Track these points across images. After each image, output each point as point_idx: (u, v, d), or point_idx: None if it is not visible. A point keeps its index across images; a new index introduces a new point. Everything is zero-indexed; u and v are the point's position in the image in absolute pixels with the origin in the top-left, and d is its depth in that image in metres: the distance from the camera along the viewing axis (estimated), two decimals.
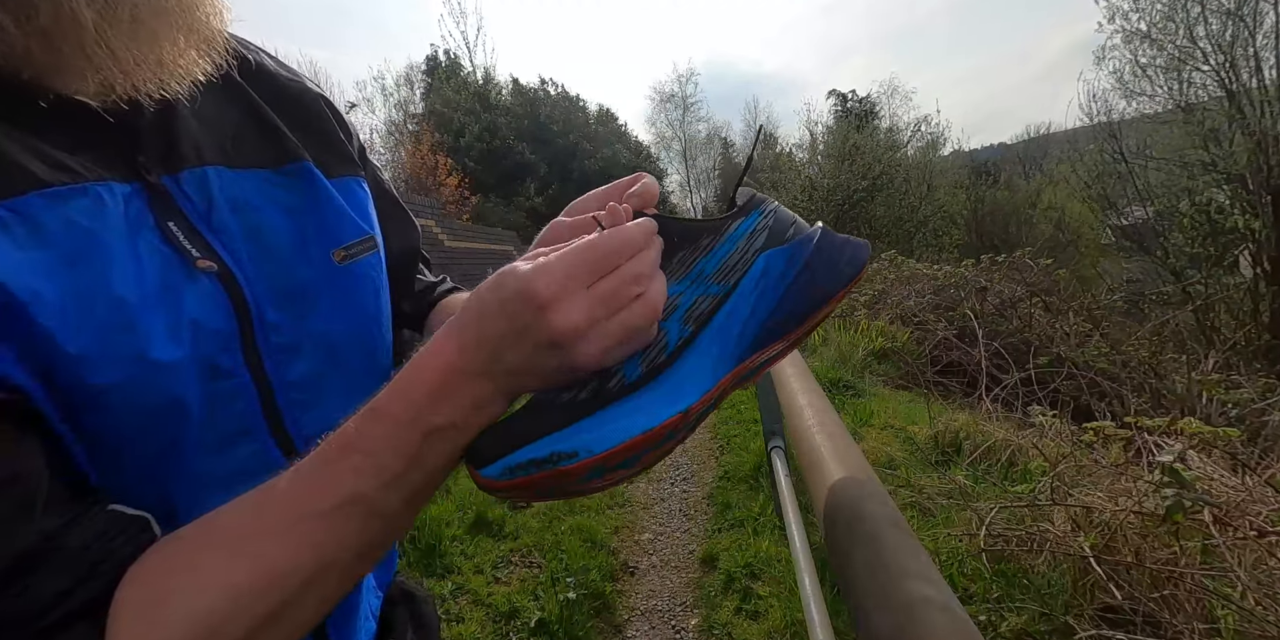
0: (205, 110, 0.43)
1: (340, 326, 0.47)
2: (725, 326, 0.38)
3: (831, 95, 23.33)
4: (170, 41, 0.35)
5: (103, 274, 0.34)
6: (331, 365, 0.46)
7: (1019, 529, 1.81)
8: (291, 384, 0.43)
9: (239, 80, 0.46)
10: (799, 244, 0.41)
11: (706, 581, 2.35)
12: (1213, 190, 5.55)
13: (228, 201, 0.42)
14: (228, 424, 0.40)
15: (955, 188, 14.05)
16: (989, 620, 1.55)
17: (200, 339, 0.38)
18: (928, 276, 6.39)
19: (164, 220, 0.38)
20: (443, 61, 22.21)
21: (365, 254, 0.49)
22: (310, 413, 0.44)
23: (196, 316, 0.38)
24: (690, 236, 0.39)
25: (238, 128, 0.45)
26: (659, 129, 30.71)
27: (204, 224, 0.40)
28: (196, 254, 0.39)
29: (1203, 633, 1.27)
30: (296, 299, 0.44)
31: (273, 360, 0.42)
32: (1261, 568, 1.34)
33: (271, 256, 0.43)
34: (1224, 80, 5.57)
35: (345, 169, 0.50)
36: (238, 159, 0.44)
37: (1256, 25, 5.48)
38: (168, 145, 0.40)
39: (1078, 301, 5.38)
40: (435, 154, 16.53)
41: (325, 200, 0.47)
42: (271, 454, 0.42)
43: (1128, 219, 6.95)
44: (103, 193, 0.36)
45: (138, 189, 0.38)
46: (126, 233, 0.36)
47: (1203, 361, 3.88)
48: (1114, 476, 1.85)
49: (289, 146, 0.46)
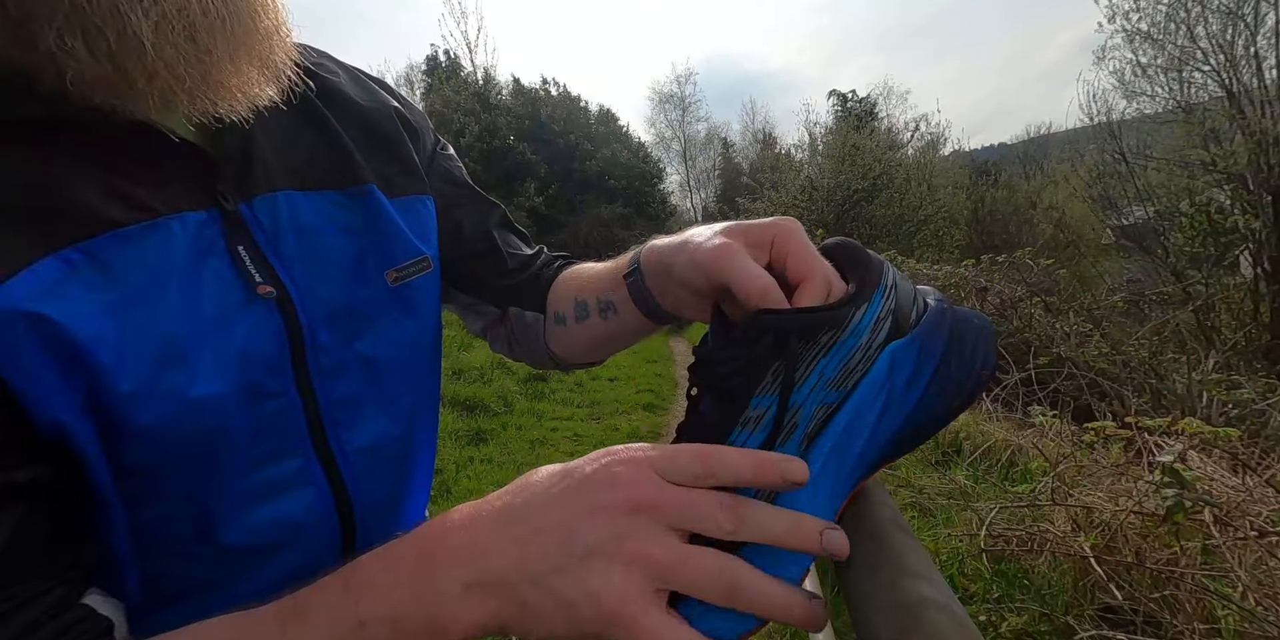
0: (281, 134, 0.45)
1: (386, 348, 0.48)
2: (843, 446, 0.31)
3: (831, 95, 23.33)
4: (231, 63, 0.35)
5: (159, 311, 0.36)
6: (371, 385, 0.47)
7: (1019, 529, 1.81)
8: (335, 403, 0.44)
9: (317, 103, 0.47)
10: (928, 333, 0.33)
11: None
12: (1213, 190, 5.55)
13: (293, 225, 0.43)
14: (271, 442, 0.41)
15: (955, 188, 14.04)
16: (989, 620, 1.55)
17: (247, 368, 0.39)
18: (928, 276, 6.38)
19: (235, 245, 0.40)
20: (443, 61, 22.21)
21: (419, 275, 0.49)
22: (351, 430, 0.46)
23: (246, 346, 0.39)
24: (808, 331, 0.31)
25: (311, 150, 0.46)
26: (658, 129, 30.73)
27: (271, 249, 0.42)
28: (259, 279, 0.40)
29: (1203, 633, 1.27)
30: (348, 320, 0.45)
31: (321, 380, 0.43)
32: (1262, 568, 1.34)
33: (328, 278, 0.44)
34: (1224, 80, 5.57)
35: (411, 187, 0.52)
36: (308, 181, 0.45)
37: (1257, 25, 5.48)
38: (244, 172, 0.42)
39: (1078, 301, 5.38)
40: None
41: (384, 222, 0.47)
42: (313, 469, 0.44)
43: (1128, 219, 6.95)
44: (174, 225, 0.37)
45: (214, 216, 0.39)
46: (192, 262, 0.38)
47: (1203, 361, 3.88)
48: (1114, 477, 1.85)
49: (356, 169, 0.47)
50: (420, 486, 0.56)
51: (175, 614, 0.38)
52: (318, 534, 0.45)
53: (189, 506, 0.39)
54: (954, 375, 0.33)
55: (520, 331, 0.61)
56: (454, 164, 0.60)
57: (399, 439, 0.50)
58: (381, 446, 0.48)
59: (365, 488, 0.47)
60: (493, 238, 0.59)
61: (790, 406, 0.30)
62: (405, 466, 0.52)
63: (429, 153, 0.57)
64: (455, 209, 0.57)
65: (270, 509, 0.42)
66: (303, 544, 0.44)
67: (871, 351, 0.31)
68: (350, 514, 0.46)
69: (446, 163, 0.59)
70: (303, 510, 0.43)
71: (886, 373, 0.31)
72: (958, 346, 0.33)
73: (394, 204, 0.49)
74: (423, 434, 0.54)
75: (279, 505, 0.42)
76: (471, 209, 0.59)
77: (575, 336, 0.56)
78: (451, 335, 5.56)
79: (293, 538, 0.43)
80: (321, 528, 0.45)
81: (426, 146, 0.57)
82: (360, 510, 0.46)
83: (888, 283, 0.33)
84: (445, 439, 3.66)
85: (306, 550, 0.44)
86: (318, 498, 0.44)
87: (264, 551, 0.42)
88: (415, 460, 0.53)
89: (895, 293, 0.33)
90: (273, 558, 0.43)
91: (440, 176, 0.57)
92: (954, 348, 0.33)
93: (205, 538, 0.40)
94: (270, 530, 0.42)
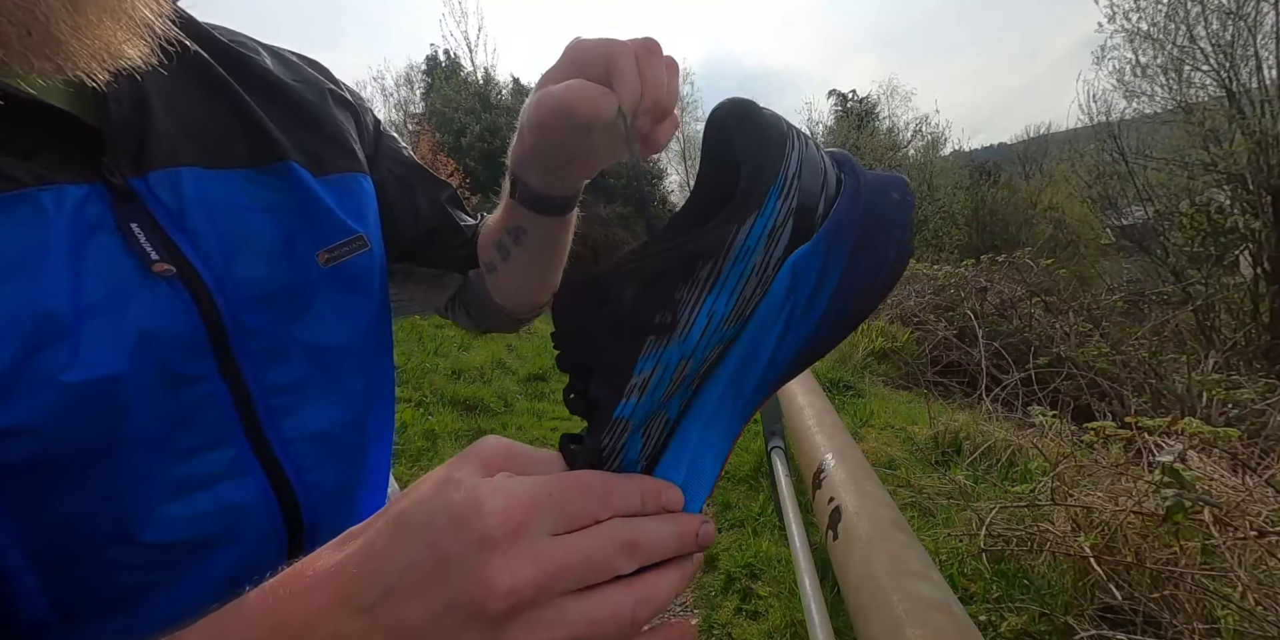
0: (186, 110, 0.42)
1: (327, 330, 0.46)
2: (738, 381, 0.28)
3: (832, 95, 23.31)
4: (69, 17, 0.31)
5: (32, 286, 0.33)
6: (318, 370, 0.45)
7: (1019, 529, 1.81)
8: (271, 389, 0.42)
9: (227, 78, 0.45)
10: (834, 232, 0.27)
11: (706, 581, 2.35)
12: (1213, 190, 5.55)
13: (203, 203, 0.40)
14: (197, 432, 0.39)
15: (955, 188, 14.04)
16: (989, 620, 1.55)
17: (152, 347, 0.36)
18: (928, 276, 6.39)
19: (126, 222, 0.37)
20: (443, 61, 22.20)
21: (353, 254, 0.47)
22: (292, 418, 0.44)
23: (147, 324, 0.36)
24: (682, 270, 0.26)
25: (223, 127, 0.44)
26: None
27: (174, 226, 0.39)
28: (155, 257, 0.37)
29: (1203, 633, 1.27)
30: (282, 302, 0.43)
31: (251, 365, 0.41)
32: (1261, 568, 1.34)
33: (253, 258, 0.42)
34: (1224, 80, 5.57)
35: (345, 164, 0.49)
36: (219, 159, 0.42)
37: (1257, 25, 5.49)
38: (138, 146, 0.39)
39: (1078, 301, 5.38)
40: (436, 154, 16.52)
41: (311, 200, 0.45)
42: (246, 458, 0.41)
43: (1128, 219, 6.95)
44: (45, 198, 0.34)
45: (99, 191, 0.36)
46: (72, 238, 0.35)
47: (1203, 361, 3.88)
48: (1114, 477, 1.85)
49: (273, 146, 0.45)
50: (379, 472, 0.53)
51: (118, 622, 0.37)
52: (257, 526, 0.42)
53: (99, 506, 0.36)
54: (864, 275, 0.28)
55: (471, 295, 0.63)
56: (397, 144, 0.60)
57: (350, 426, 0.48)
58: (330, 434, 0.46)
59: (312, 477, 0.45)
60: (446, 211, 0.61)
61: (681, 360, 0.26)
62: (360, 454, 0.50)
63: (372, 133, 0.56)
64: (410, 191, 0.58)
65: (199, 501, 0.39)
66: (243, 537, 0.42)
67: (769, 270, 0.26)
68: (295, 504, 0.44)
69: (392, 143, 0.59)
70: (238, 501, 0.41)
71: (786, 292, 0.26)
72: (868, 239, 0.28)
73: (323, 182, 0.47)
74: (378, 419, 0.52)
75: (209, 497, 0.40)
76: (426, 186, 0.60)
77: (509, 277, 0.57)
78: (451, 335, 5.56)
79: (229, 531, 0.41)
80: (261, 519, 0.42)
81: (368, 126, 0.56)
82: (307, 500, 0.44)
83: (788, 171, 0.26)
84: (445, 439, 3.66)
85: (248, 543, 0.42)
86: (255, 489, 0.42)
87: (198, 547, 0.40)
88: (371, 447, 0.51)
89: (798, 182, 0.27)
90: (211, 553, 0.40)
91: (389, 156, 0.57)
92: (865, 242, 0.28)
93: (124, 538, 0.37)
94: (200, 523, 0.39)
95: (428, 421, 3.85)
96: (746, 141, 0.27)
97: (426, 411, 4.09)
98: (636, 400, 0.26)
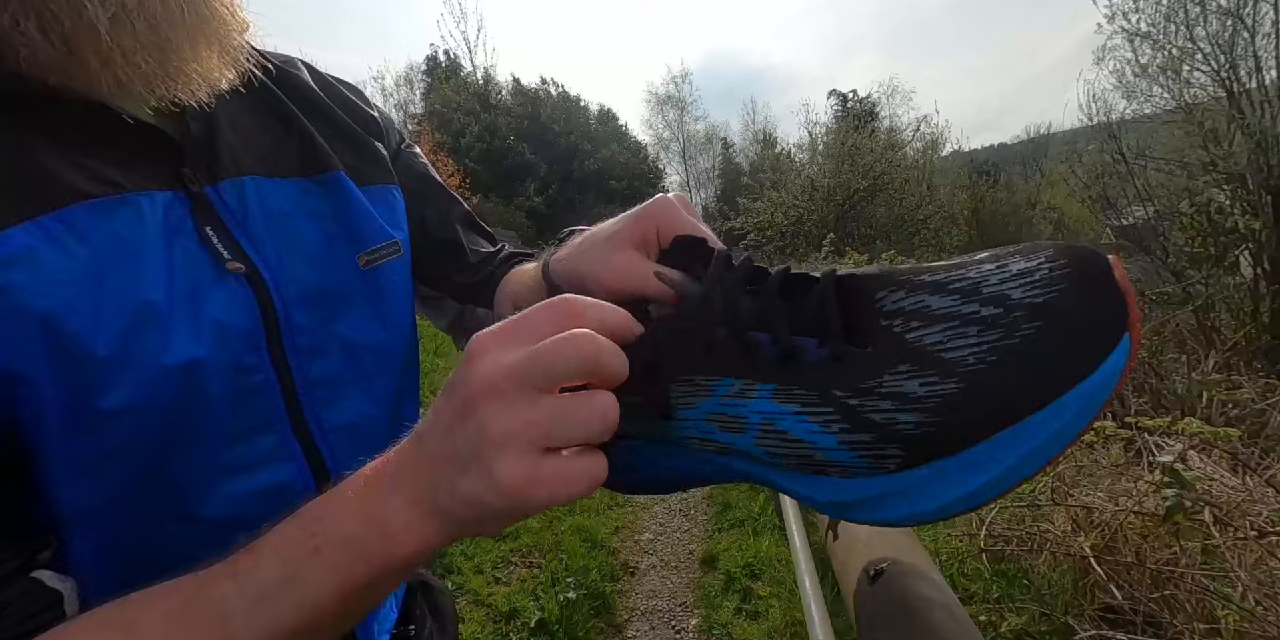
0: (247, 123, 0.47)
1: (363, 329, 0.49)
2: None
3: (832, 95, 23.33)
4: (190, 50, 0.37)
5: (135, 279, 0.37)
6: (352, 365, 0.48)
7: (1019, 529, 1.81)
8: (314, 382, 0.45)
9: (280, 94, 0.50)
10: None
11: (706, 581, 2.35)
12: (1213, 190, 5.54)
13: (262, 209, 0.44)
14: (249, 417, 0.42)
15: (955, 188, 14.04)
16: (989, 620, 1.55)
17: (225, 337, 0.40)
18: None
19: (203, 226, 0.41)
20: (443, 61, 22.21)
21: (389, 258, 0.51)
22: (331, 409, 0.47)
23: (221, 317, 0.40)
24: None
25: (277, 139, 0.48)
26: (656, 131, 30.74)
27: (240, 230, 0.43)
28: (228, 256, 0.41)
29: (1203, 633, 1.27)
30: (324, 302, 0.46)
31: (298, 359, 0.44)
32: (1262, 568, 1.34)
33: (301, 261, 0.45)
34: (1224, 80, 5.57)
35: (378, 176, 0.53)
36: (275, 169, 0.46)
37: (1256, 25, 5.48)
38: (210, 157, 0.43)
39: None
40: (435, 154, 16.54)
41: (353, 207, 0.49)
42: (289, 445, 0.44)
43: (1127, 219, 6.95)
44: (143, 202, 0.39)
45: (180, 198, 0.41)
46: (164, 238, 0.39)
47: (1203, 362, 3.88)
48: (1114, 477, 1.85)
49: (323, 156, 0.49)
50: None
51: None
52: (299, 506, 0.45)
53: (166, 482, 0.39)
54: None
55: (477, 329, 0.61)
56: (418, 160, 0.62)
57: (380, 420, 0.50)
58: (362, 426, 0.49)
59: (347, 465, 0.47)
60: (455, 231, 0.61)
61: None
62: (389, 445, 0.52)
63: (394, 148, 0.59)
64: (419, 202, 0.59)
65: (249, 482, 0.42)
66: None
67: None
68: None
69: (411, 159, 0.61)
70: (282, 484, 0.44)
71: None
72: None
73: (363, 191, 0.50)
74: (406, 415, 0.55)
75: (257, 479, 0.43)
76: (435, 203, 0.61)
77: None
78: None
79: (274, 509, 0.43)
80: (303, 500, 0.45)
81: (392, 142, 0.59)
82: None
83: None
84: None
85: None
86: (297, 473, 0.45)
87: (244, 524, 0.41)
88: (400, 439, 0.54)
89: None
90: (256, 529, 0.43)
91: (405, 171, 0.59)
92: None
93: (183, 514, 0.40)
94: (250, 503, 0.42)
95: None
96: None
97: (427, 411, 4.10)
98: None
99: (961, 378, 0.26)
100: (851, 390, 0.27)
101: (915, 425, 0.26)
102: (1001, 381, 0.25)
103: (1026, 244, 0.29)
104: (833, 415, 0.27)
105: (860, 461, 0.27)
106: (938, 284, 0.28)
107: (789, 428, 0.28)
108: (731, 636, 2.03)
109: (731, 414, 0.29)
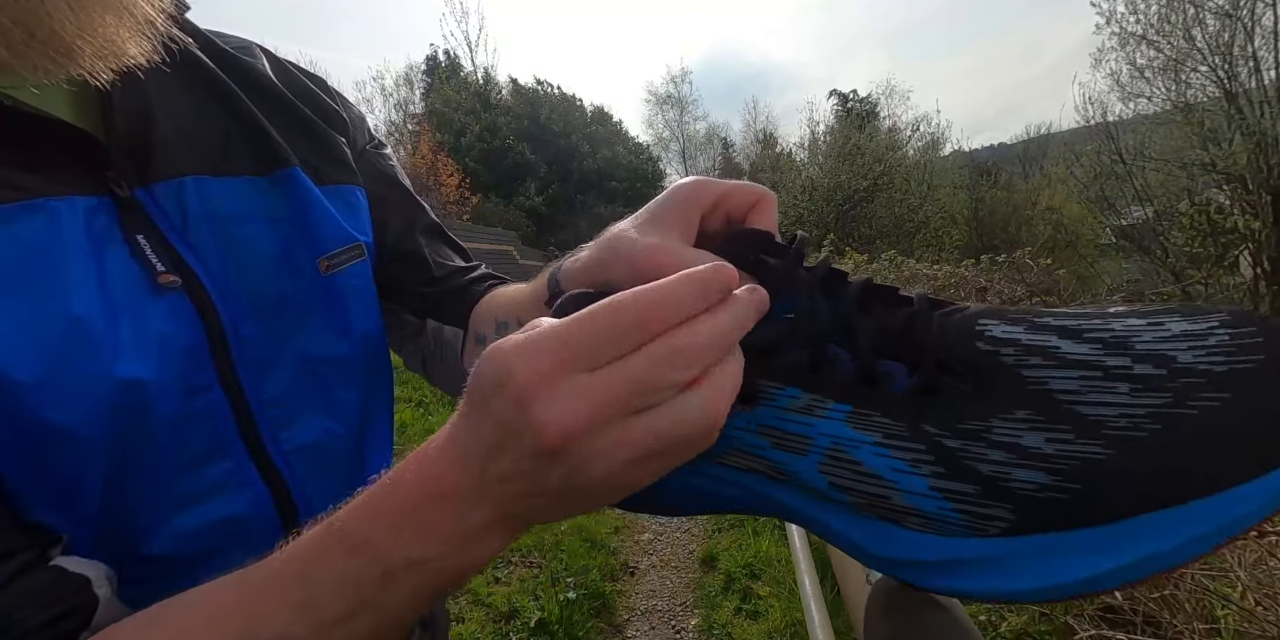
0: (189, 117, 0.42)
1: (322, 340, 0.45)
2: None
3: (833, 95, 23.33)
4: (71, 13, 0.30)
5: (58, 293, 0.33)
6: (311, 380, 0.45)
7: None
8: (269, 401, 0.42)
9: (231, 85, 0.45)
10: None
11: (706, 581, 2.35)
12: (1213, 190, 5.55)
13: (205, 213, 0.40)
14: (200, 442, 0.39)
15: (955, 188, 14.04)
16: (989, 620, 1.55)
17: (170, 355, 0.37)
18: (928, 277, 6.39)
19: (133, 234, 0.37)
20: (443, 61, 22.21)
21: (351, 262, 0.47)
22: (289, 429, 0.43)
23: (164, 332, 0.37)
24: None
25: (225, 134, 0.43)
26: (656, 131, 30.71)
27: (177, 237, 0.39)
28: (161, 268, 0.37)
29: (1203, 633, 1.27)
30: (278, 312, 0.43)
31: (249, 376, 0.41)
32: (1261, 568, 1.34)
33: (251, 268, 0.42)
34: (1222, 81, 5.57)
35: (340, 176, 0.49)
36: (223, 167, 0.42)
37: (1254, 26, 5.49)
38: (143, 157, 0.39)
39: (1078, 301, 5.38)
40: (435, 154, 16.53)
41: (312, 208, 0.45)
42: (247, 470, 0.41)
43: (1127, 219, 6.95)
44: (60, 208, 0.34)
45: (106, 203, 0.37)
46: (90, 247, 0.35)
47: None
48: None
49: (279, 152, 0.44)
50: None
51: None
52: (260, 536, 0.42)
53: (115, 512, 0.36)
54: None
55: (437, 348, 0.56)
56: (386, 162, 0.57)
57: (347, 437, 0.47)
58: (325, 445, 0.46)
59: (311, 488, 0.45)
60: (418, 241, 0.56)
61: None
62: (358, 465, 0.49)
63: (360, 147, 0.55)
64: (382, 208, 0.54)
65: (201, 514, 0.39)
66: (241, 549, 0.41)
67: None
68: (294, 514, 0.44)
69: (378, 160, 0.56)
70: (240, 513, 0.41)
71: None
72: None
73: (322, 191, 0.46)
74: (377, 430, 0.52)
75: (211, 509, 0.40)
76: (399, 210, 0.56)
77: None
78: None
79: (230, 541, 0.41)
80: (263, 529, 0.42)
81: (360, 141, 0.55)
82: (307, 511, 0.44)
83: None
84: None
85: (247, 553, 0.43)
86: (255, 500, 0.42)
87: (198, 559, 0.40)
88: (370, 457, 0.51)
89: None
90: (211, 562, 0.40)
91: (370, 173, 0.54)
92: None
93: (129, 552, 0.37)
94: (203, 536, 0.40)
95: (428, 421, 3.86)
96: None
97: (427, 411, 4.10)
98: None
99: (1110, 442, 0.22)
100: (949, 430, 0.24)
101: (1038, 487, 0.22)
102: (1169, 455, 0.21)
103: (1170, 303, 0.26)
104: (924, 454, 0.24)
105: (954, 516, 0.24)
106: (1066, 329, 0.24)
107: (864, 458, 0.24)
108: (731, 636, 2.03)
109: (791, 431, 0.26)
